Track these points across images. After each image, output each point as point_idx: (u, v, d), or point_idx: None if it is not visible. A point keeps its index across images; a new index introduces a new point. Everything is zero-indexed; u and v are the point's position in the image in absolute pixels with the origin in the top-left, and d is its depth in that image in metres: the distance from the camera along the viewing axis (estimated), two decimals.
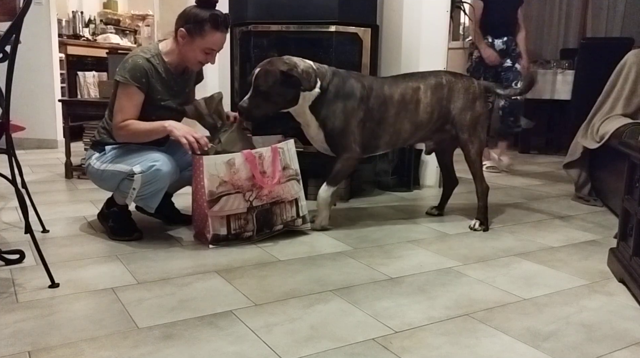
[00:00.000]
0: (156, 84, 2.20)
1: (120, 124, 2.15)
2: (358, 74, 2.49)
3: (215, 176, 2.11)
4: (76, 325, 1.49)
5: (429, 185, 3.52)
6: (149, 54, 2.19)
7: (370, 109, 2.41)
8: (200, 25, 2.15)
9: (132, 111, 2.16)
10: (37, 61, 4.70)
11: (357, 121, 2.38)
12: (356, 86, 2.38)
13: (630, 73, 2.97)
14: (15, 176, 1.81)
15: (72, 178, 3.55)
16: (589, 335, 1.51)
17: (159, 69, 2.20)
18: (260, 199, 2.22)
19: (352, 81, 2.39)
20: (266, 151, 2.22)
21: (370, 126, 2.42)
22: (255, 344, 1.41)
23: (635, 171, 1.88)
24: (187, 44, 2.19)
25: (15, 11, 2.32)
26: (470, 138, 2.51)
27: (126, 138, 2.19)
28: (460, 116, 2.50)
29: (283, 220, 2.31)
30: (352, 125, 2.37)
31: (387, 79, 2.52)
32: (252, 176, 2.17)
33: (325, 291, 1.78)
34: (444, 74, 2.55)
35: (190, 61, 2.23)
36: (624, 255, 1.92)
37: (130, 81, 2.13)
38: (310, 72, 2.31)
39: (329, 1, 2.92)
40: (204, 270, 1.94)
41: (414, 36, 3.40)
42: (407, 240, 2.39)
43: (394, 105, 2.44)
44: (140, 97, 2.16)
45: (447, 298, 1.74)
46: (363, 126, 2.40)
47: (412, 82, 2.50)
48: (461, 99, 2.51)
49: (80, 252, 2.11)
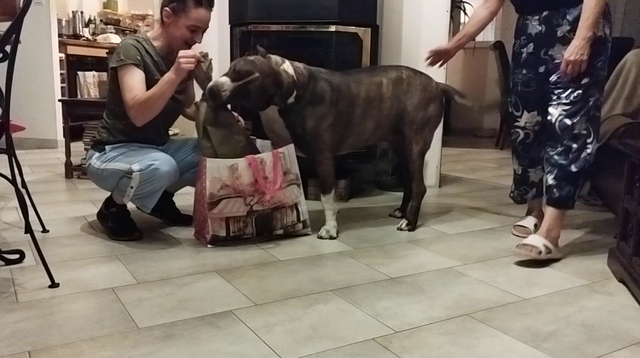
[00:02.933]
0: (150, 64, 2.23)
1: (130, 103, 2.13)
2: (327, 73, 2.39)
3: (217, 178, 2.10)
4: (76, 325, 1.49)
5: (429, 185, 3.51)
6: (138, 38, 2.25)
7: (339, 112, 2.35)
8: (183, 2, 2.18)
9: (139, 87, 2.15)
10: (37, 61, 4.70)
11: (327, 125, 2.32)
12: (326, 89, 2.32)
13: (630, 73, 2.97)
14: (15, 176, 1.81)
15: (72, 177, 3.55)
16: (589, 335, 1.51)
17: (149, 51, 2.24)
18: (262, 204, 2.21)
19: (322, 84, 2.32)
20: (268, 157, 2.21)
21: (338, 130, 2.37)
22: (255, 344, 1.41)
23: (635, 171, 1.88)
24: (173, 24, 2.22)
25: (15, 11, 2.32)
26: (416, 136, 2.48)
27: (143, 114, 2.16)
28: (413, 112, 2.47)
29: (283, 225, 2.30)
30: (322, 129, 2.31)
31: (352, 76, 2.44)
32: (255, 181, 2.17)
33: (325, 291, 1.78)
34: (404, 69, 2.51)
35: (177, 41, 2.24)
36: (624, 255, 1.91)
37: (126, 60, 2.15)
38: (291, 88, 2.25)
39: (329, 1, 2.91)
40: (204, 270, 1.94)
41: (414, 36, 3.40)
42: (407, 240, 2.39)
43: (360, 105, 2.39)
44: (141, 73, 2.17)
45: (447, 298, 1.74)
46: (333, 130, 2.34)
47: (376, 77, 2.45)
48: (417, 97, 2.48)
49: (80, 252, 2.11)
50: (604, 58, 2.15)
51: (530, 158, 2.42)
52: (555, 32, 2.17)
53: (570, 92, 2.14)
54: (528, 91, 2.31)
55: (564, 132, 2.15)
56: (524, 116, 2.36)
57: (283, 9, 2.98)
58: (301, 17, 2.96)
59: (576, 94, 2.13)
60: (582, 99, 2.12)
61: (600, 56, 2.12)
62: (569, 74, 2.09)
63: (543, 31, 2.20)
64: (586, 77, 2.11)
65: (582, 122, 2.14)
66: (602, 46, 2.12)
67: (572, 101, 2.13)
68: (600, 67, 2.14)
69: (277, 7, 2.99)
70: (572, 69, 2.06)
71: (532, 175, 2.45)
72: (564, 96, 2.15)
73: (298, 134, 2.32)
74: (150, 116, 2.17)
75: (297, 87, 2.26)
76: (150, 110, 2.15)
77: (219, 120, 2.19)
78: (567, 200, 2.19)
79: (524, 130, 2.38)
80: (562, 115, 2.15)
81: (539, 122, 2.33)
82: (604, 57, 2.15)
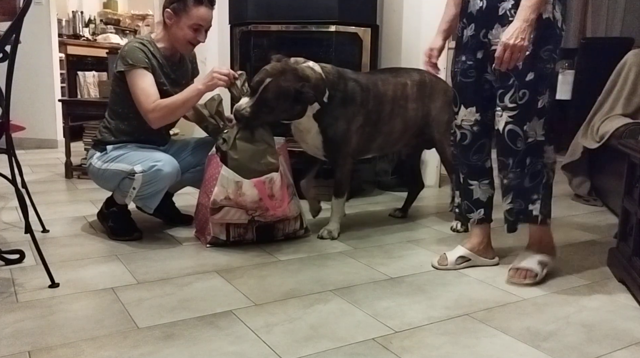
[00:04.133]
0: (155, 66, 2.22)
1: (151, 106, 2.13)
2: (354, 73, 2.37)
3: (224, 189, 2.07)
4: (76, 325, 1.49)
5: (429, 185, 3.51)
6: (143, 41, 2.23)
7: (370, 111, 2.33)
8: (183, 1, 2.17)
9: (153, 90, 2.16)
10: (37, 61, 4.70)
11: (357, 127, 2.30)
12: (357, 89, 2.29)
13: (630, 73, 2.97)
14: (15, 176, 1.81)
15: (72, 177, 3.55)
16: (589, 335, 1.51)
17: (155, 54, 2.23)
18: (264, 218, 2.18)
19: (352, 84, 2.29)
20: (277, 176, 2.10)
21: (368, 130, 2.35)
22: (255, 344, 1.41)
23: (635, 171, 1.88)
24: (175, 24, 2.21)
25: (15, 11, 2.32)
26: (445, 139, 2.49)
27: (163, 119, 2.17)
28: (438, 116, 2.50)
29: (285, 233, 2.29)
30: (351, 131, 2.29)
31: (377, 75, 2.44)
32: (260, 199, 2.09)
33: (325, 291, 1.78)
34: (425, 73, 2.45)
35: (180, 41, 2.23)
36: (624, 255, 1.91)
37: (134, 63, 2.15)
38: (321, 85, 2.19)
39: (329, 1, 2.92)
40: (204, 270, 1.94)
41: (414, 36, 3.40)
42: (407, 239, 2.39)
43: (388, 103, 2.38)
44: (151, 77, 2.18)
45: (447, 298, 1.74)
46: (362, 131, 2.33)
47: (400, 77, 2.45)
48: (440, 100, 2.51)
49: (80, 252, 2.11)
50: (552, 47, 1.78)
51: (470, 167, 2.03)
52: (497, 9, 1.81)
53: (514, 93, 1.79)
54: (466, 82, 1.93)
55: (515, 143, 1.83)
56: (461, 112, 1.98)
57: (283, 9, 2.98)
58: (301, 17, 2.97)
59: (521, 93, 1.79)
60: (529, 99, 1.78)
61: (546, 43, 1.76)
62: (505, 62, 1.72)
63: (484, 7, 1.84)
64: (530, 72, 1.77)
65: (534, 128, 1.82)
66: (549, 31, 1.76)
67: (519, 103, 1.79)
68: (547, 59, 1.78)
69: (277, 7, 2.99)
70: (510, 55, 1.70)
71: (477, 190, 2.05)
72: (508, 98, 1.80)
73: (329, 136, 2.27)
74: (169, 121, 2.22)
75: (328, 86, 2.22)
76: (171, 115, 2.18)
77: (255, 138, 2.11)
78: (516, 215, 1.91)
79: (461, 129, 2.00)
80: (509, 122, 1.81)
81: (478, 122, 1.96)
82: (551, 46, 1.77)
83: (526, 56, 1.74)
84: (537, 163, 1.87)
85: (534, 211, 1.90)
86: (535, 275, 1.88)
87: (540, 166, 1.88)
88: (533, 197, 1.90)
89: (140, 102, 2.15)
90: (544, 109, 1.82)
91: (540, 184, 1.89)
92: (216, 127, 2.24)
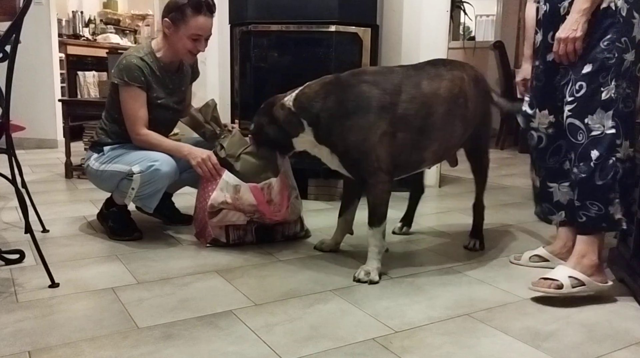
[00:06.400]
0: (152, 82, 2.21)
1: (140, 134, 2.17)
2: (376, 74, 1.95)
3: (222, 193, 2.09)
4: (76, 325, 1.49)
5: (429, 185, 3.52)
6: (142, 53, 2.20)
7: (402, 116, 1.89)
8: (181, 11, 2.14)
9: (143, 114, 2.18)
10: (37, 61, 4.70)
11: (379, 135, 1.86)
12: (369, 93, 1.87)
13: None
14: (15, 176, 1.81)
15: (72, 177, 3.55)
16: (589, 335, 1.51)
17: (153, 68, 2.20)
18: (263, 220, 2.19)
19: (363, 88, 1.88)
20: (275, 180, 2.12)
21: (406, 137, 1.91)
22: (255, 344, 1.41)
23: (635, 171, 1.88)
24: (174, 34, 2.18)
25: (15, 11, 2.32)
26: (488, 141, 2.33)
27: (142, 145, 2.21)
28: (487, 115, 2.24)
29: (284, 235, 2.29)
30: (372, 142, 1.86)
31: (420, 72, 1.99)
32: (257, 205, 2.11)
33: (325, 291, 1.78)
34: (475, 68, 2.21)
35: (180, 51, 2.21)
36: (624, 255, 1.91)
37: (129, 82, 2.14)
38: (292, 120, 1.94)
39: (329, 1, 2.92)
40: (204, 270, 1.94)
41: (414, 36, 3.40)
42: (407, 240, 2.39)
43: (441, 103, 1.95)
44: (143, 96, 2.18)
45: (447, 298, 1.74)
46: (392, 139, 1.89)
47: (455, 71, 2.04)
48: (487, 97, 2.23)
49: (80, 252, 2.11)
50: (614, 37, 1.69)
51: (548, 169, 2.00)
52: (558, 10, 1.82)
53: (571, 86, 1.77)
54: (539, 85, 1.95)
55: (576, 136, 1.76)
56: (537, 116, 1.98)
57: (283, 9, 2.98)
58: (301, 17, 2.96)
59: (578, 86, 1.75)
60: (588, 92, 1.72)
61: (607, 33, 1.69)
62: (562, 56, 1.74)
63: (548, 11, 1.86)
64: (588, 64, 1.72)
65: (601, 120, 1.72)
66: (608, 20, 1.69)
67: (576, 96, 1.75)
68: (608, 49, 1.69)
69: (277, 7, 2.99)
70: (564, 48, 1.72)
71: (557, 193, 2.00)
72: (567, 91, 1.79)
73: (341, 153, 1.93)
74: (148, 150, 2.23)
75: (302, 114, 1.93)
76: (151, 148, 2.19)
77: (259, 154, 2.13)
78: (596, 223, 1.76)
79: (537, 132, 1.99)
80: (569, 116, 1.78)
81: (552, 125, 1.94)
82: (613, 35, 1.69)
83: (583, 48, 1.73)
84: (608, 158, 1.72)
85: (615, 215, 1.74)
86: (558, 286, 1.71)
87: (612, 161, 1.72)
88: (610, 196, 1.73)
89: (129, 124, 2.18)
90: (611, 101, 1.71)
91: (616, 182, 1.73)
92: (213, 134, 2.25)
